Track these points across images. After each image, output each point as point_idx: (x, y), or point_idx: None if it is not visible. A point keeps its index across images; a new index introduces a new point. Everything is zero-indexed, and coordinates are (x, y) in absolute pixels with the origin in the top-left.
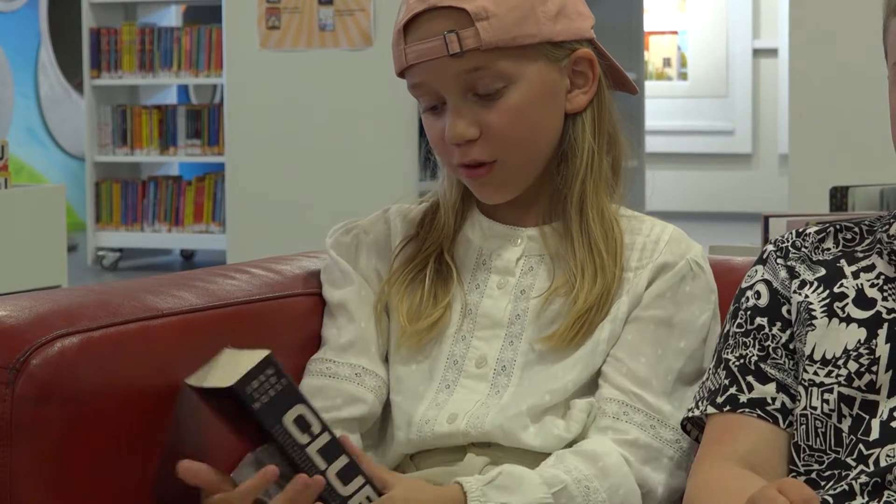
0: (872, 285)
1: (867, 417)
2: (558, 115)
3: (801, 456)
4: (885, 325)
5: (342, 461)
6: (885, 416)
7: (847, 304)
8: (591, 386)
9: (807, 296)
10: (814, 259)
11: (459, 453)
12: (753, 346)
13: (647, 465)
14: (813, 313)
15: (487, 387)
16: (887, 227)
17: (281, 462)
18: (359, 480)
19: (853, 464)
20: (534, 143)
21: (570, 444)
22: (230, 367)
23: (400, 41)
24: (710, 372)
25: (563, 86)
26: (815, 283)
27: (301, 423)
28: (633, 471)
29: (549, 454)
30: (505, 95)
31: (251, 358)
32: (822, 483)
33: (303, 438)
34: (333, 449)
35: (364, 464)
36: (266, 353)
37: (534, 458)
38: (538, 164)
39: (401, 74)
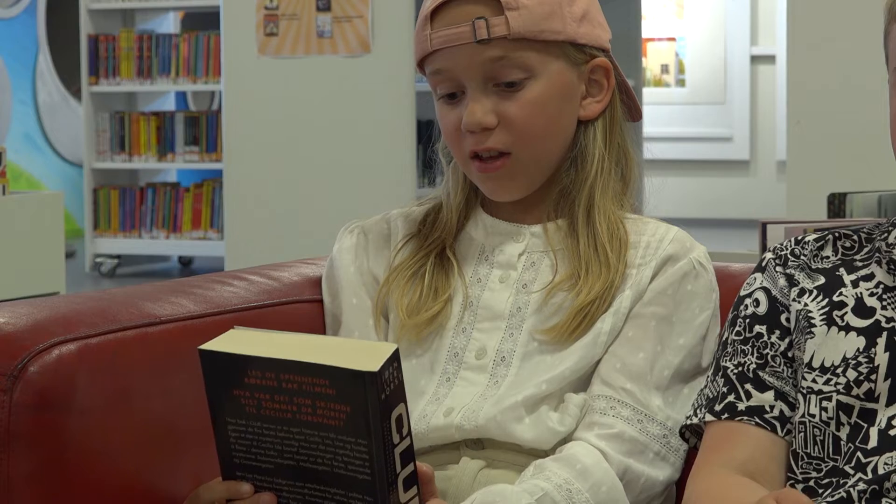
0: (871, 294)
1: (865, 426)
2: (572, 119)
3: (800, 464)
4: (884, 334)
5: (409, 469)
6: (883, 425)
7: (846, 312)
8: (588, 379)
9: (806, 304)
10: (813, 267)
11: (454, 455)
12: (752, 354)
13: (630, 457)
14: (812, 321)
15: (487, 378)
16: (886, 235)
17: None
18: (414, 490)
19: (851, 472)
20: (548, 139)
21: (563, 441)
22: (280, 346)
23: (425, 26)
24: (709, 380)
25: (579, 91)
26: (815, 292)
27: (399, 422)
28: (614, 463)
29: (542, 451)
30: (525, 88)
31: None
32: (820, 491)
33: (395, 438)
34: (409, 454)
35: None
36: (394, 346)
37: (527, 457)
38: (549, 164)
39: (420, 63)
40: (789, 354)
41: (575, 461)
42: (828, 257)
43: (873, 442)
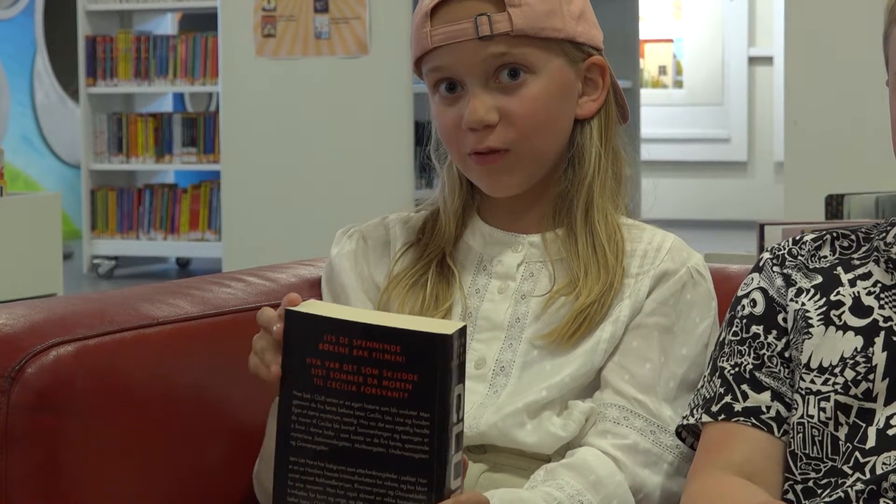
0: (869, 293)
1: (864, 425)
2: (570, 116)
3: (798, 464)
4: (882, 334)
5: (458, 456)
6: (881, 425)
7: (844, 312)
8: (589, 388)
9: (803, 303)
10: (810, 267)
11: None
12: (748, 355)
13: (645, 468)
14: (809, 321)
15: (486, 387)
16: (884, 234)
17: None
18: (460, 480)
19: (849, 472)
20: (548, 135)
21: (565, 447)
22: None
23: (425, 23)
24: (706, 379)
25: (576, 89)
26: (812, 291)
27: (458, 402)
28: (629, 474)
29: (544, 455)
30: (526, 85)
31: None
32: (819, 491)
33: (454, 417)
34: (461, 441)
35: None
36: (464, 323)
37: (529, 461)
38: (547, 161)
39: (418, 61)
40: (786, 355)
41: (588, 472)
42: (825, 257)
43: (871, 442)
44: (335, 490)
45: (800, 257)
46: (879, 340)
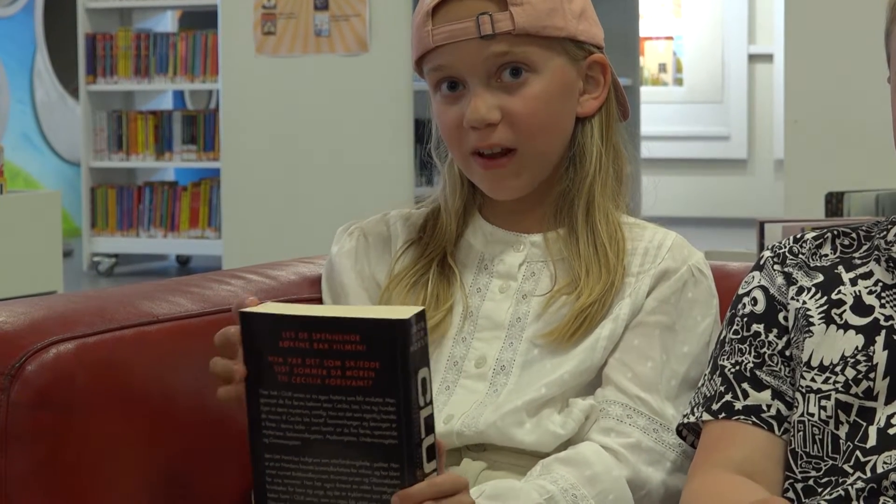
0: (870, 292)
1: (864, 424)
2: (571, 115)
3: (799, 463)
4: (883, 332)
5: (431, 439)
6: (882, 423)
7: (845, 310)
8: (589, 386)
9: (804, 302)
10: (811, 265)
11: (455, 457)
12: (749, 353)
13: (649, 466)
14: (811, 320)
15: (486, 386)
16: (885, 233)
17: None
18: (435, 463)
19: (850, 470)
20: (550, 135)
21: (565, 445)
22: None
23: (426, 23)
24: (706, 378)
25: (577, 87)
26: (813, 290)
27: (423, 385)
28: (632, 470)
29: (543, 453)
30: (528, 84)
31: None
32: (820, 490)
33: (421, 401)
34: (431, 424)
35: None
36: (422, 307)
37: (529, 459)
38: (551, 160)
39: (419, 60)
40: (787, 353)
41: (585, 466)
42: (826, 255)
43: (872, 441)
44: (312, 482)
45: (801, 256)
46: (880, 339)
